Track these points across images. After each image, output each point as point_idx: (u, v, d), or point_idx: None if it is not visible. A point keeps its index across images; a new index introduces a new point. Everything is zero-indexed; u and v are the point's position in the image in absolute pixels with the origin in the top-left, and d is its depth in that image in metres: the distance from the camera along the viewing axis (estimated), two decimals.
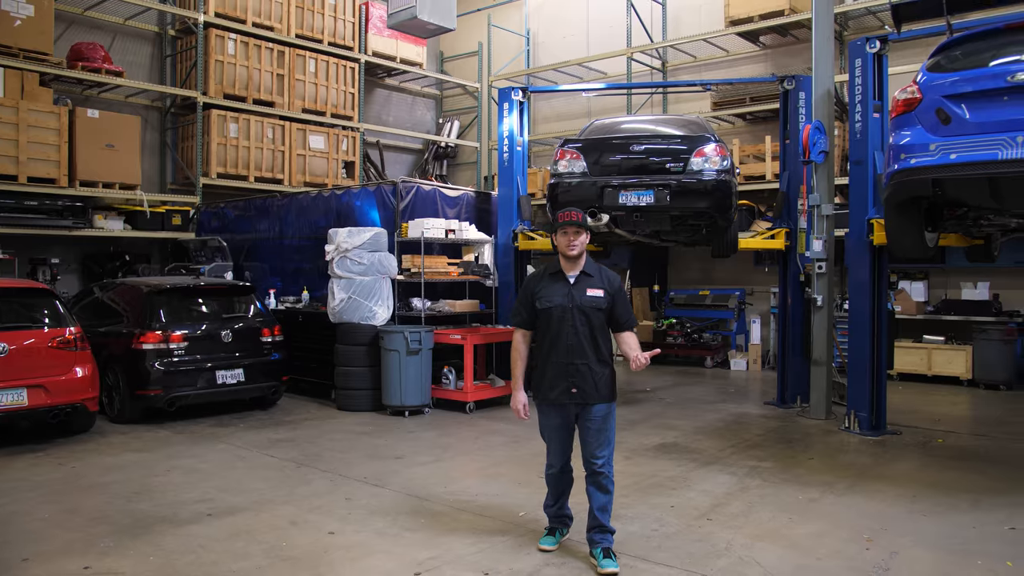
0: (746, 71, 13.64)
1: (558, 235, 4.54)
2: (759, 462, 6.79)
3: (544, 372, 4.57)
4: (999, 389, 10.42)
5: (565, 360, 4.48)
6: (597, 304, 4.50)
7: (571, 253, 4.50)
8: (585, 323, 4.48)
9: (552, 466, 4.69)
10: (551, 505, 4.81)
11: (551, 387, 4.53)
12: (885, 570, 4.39)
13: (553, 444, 4.65)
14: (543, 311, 4.54)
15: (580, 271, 4.55)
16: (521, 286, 4.63)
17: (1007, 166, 4.95)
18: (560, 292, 4.52)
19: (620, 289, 4.63)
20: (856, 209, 7.97)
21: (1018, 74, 4.98)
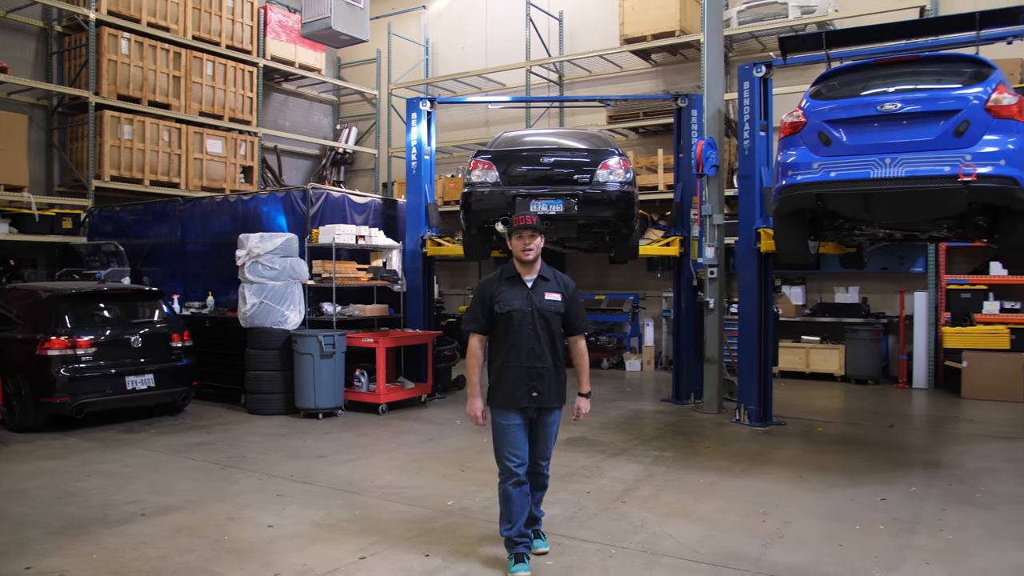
0: (638, 86, 14.50)
1: (513, 239, 4.54)
2: (662, 452, 7.43)
3: (503, 376, 4.54)
4: (868, 383, 11.57)
5: (526, 364, 4.48)
6: (555, 308, 4.55)
7: (527, 257, 4.51)
8: (544, 327, 4.51)
9: (512, 475, 4.49)
10: (509, 527, 4.52)
11: (512, 391, 4.50)
12: (780, 536, 5.05)
13: (514, 448, 4.51)
14: (502, 315, 4.51)
15: (537, 275, 4.58)
16: (475, 292, 4.66)
17: (878, 183, 5.76)
18: (519, 296, 4.52)
19: (575, 292, 4.69)
20: (745, 219, 8.77)
21: (886, 104, 5.80)
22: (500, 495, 4.56)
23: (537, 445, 4.64)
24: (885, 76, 6.18)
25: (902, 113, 5.75)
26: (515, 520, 4.49)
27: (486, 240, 8.79)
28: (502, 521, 4.56)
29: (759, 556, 4.71)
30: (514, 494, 4.48)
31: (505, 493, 4.51)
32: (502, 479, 4.55)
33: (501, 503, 4.55)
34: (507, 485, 4.50)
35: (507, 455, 4.51)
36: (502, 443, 4.54)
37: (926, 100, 5.76)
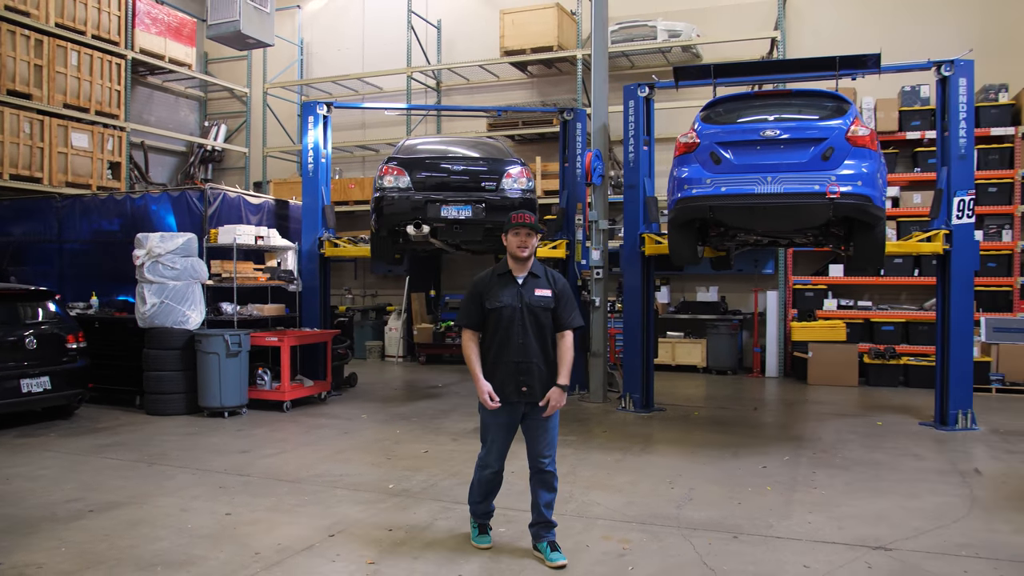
0: (514, 95, 15.36)
1: (509, 236, 4.70)
2: (564, 436, 8.22)
3: (494, 371, 4.68)
4: (727, 374, 12.99)
5: (516, 359, 4.63)
6: (545, 304, 4.68)
7: (523, 255, 4.66)
8: (534, 323, 4.65)
9: (490, 466, 4.78)
10: (479, 502, 4.91)
11: (502, 386, 4.65)
12: (689, 499, 5.96)
13: (496, 444, 4.75)
14: (493, 311, 4.65)
15: (528, 272, 4.73)
16: (468, 289, 4.84)
17: (761, 198, 6.84)
18: (510, 292, 4.67)
19: (565, 288, 4.81)
20: (630, 225, 9.77)
21: (767, 131, 6.90)
22: (475, 477, 4.89)
23: (536, 442, 4.75)
24: (764, 106, 7.31)
25: (780, 139, 6.86)
26: (485, 498, 4.89)
27: (394, 242, 9.31)
28: (473, 494, 4.92)
29: (677, 515, 5.59)
30: (487, 480, 4.82)
31: (479, 479, 4.85)
32: (479, 466, 4.85)
33: (475, 484, 4.88)
34: (482, 473, 4.82)
35: (491, 449, 4.78)
36: (487, 437, 4.81)
37: (799, 129, 6.91)
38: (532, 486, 4.82)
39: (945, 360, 8.51)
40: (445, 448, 7.72)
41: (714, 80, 8.38)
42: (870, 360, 11.76)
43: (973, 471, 6.75)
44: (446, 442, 8.02)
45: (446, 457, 7.32)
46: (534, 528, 4.81)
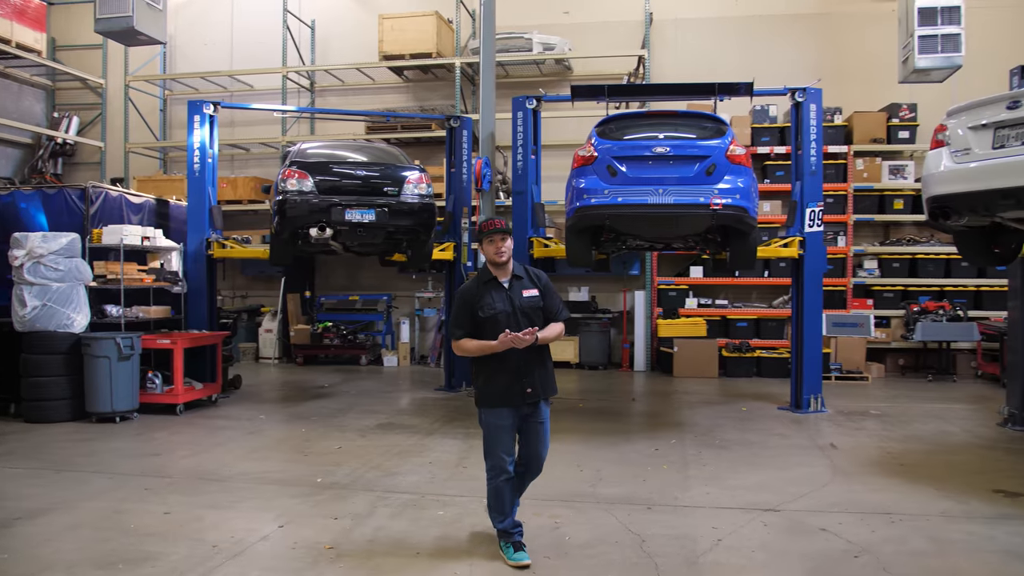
0: (390, 99, 15.73)
1: (484, 244, 4.80)
2: (467, 429, 8.79)
3: (494, 377, 4.79)
4: (598, 369, 13.97)
5: (517, 363, 4.72)
6: (535, 304, 4.83)
7: (500, 259, 4.78)
8: (528, 324, 4.75)
9: (504, 471, 4.82)
10: (506, 515, 4.88)
11: (506, 389, 4.76)
12: (600, 479, 6.69)
13: (503, 448, 4.83)
14: (488, 319, 4.73)
15: (511, 275, 4.85)
16: (455, 300, 4.93)
17: (653, 208, 7.69)
18: (500, 298, 4.77)
19: (548, 283, 4.95)
20: (518, 229, 10.41)
21: (658, 148, 7.76)
22: (491, 491, 4.89)
23: (537, 440, 4.93)
24: (653, 124, 8.19)
25: (669, 155, 7.74)
26: (508, 512, 4.88)
27: (294, 245, 9.53)
28: (494, 514, 4.92)
29: (593, 492, 6.30)
30: (505, 489, 4.84)
31: (497, 490, 4.85)
32: (492, 475, 4.87)
33: (492, 498, 4.89)
34: (498, 482, 4.85)
35: (501, 455, 4.83)
36: (495, 443, 4.85)
37: (686, 147, 7.82)
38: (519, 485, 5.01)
39: (800, 351, 9.76)
40: (357, 444, 8.08)
41: (608, 97, 9.22)
42: (728, 353, 13.06)
43: (830, 445, 7.90)
44: (355, 438, 8.38)
45: (361, 452, 7.70)
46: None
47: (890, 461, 7.27)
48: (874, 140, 13.43)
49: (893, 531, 5.31)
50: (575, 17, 14.87)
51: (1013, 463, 7.31)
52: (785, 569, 4.68)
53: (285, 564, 4.82)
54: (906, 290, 13.35)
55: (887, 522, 5.49)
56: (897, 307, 13.26)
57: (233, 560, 4.86)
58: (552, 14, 14.87)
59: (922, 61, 10.62)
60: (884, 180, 13.40)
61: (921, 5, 10.53)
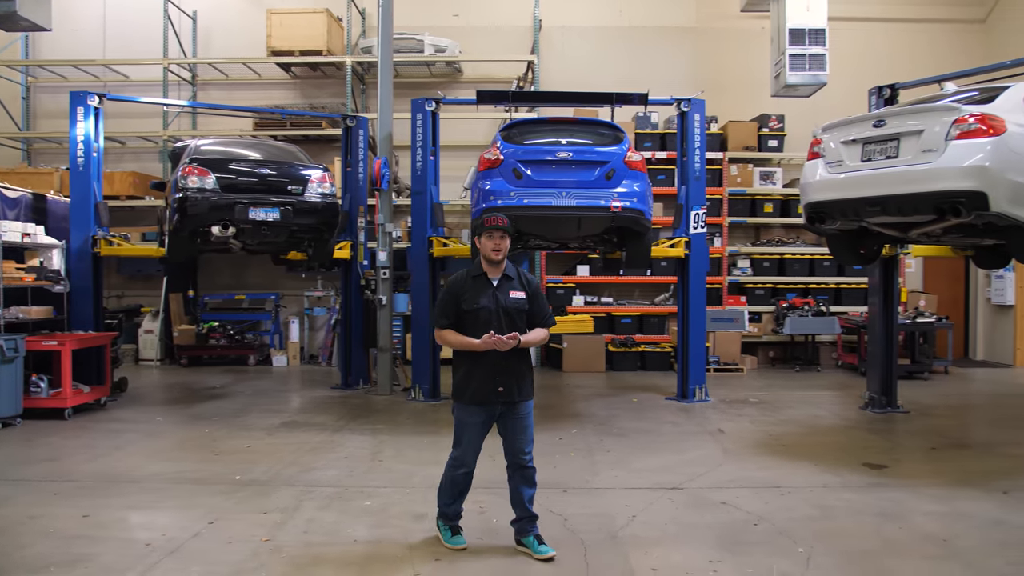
0: (277, 95, 15.59)
1: (483, 239, 4.88)
2: (374, 425, 9.04)
3: (471, 372, 4.87)
4: None
5: (493, 360, 4.79)
6: (520, 305, 4.89)
7: (496, 257, 4.86)
8: (510, 324, 4.82)
9: (465, 465, 4.96)
10: (451, 503, 5.07)
11: (480, 386, 4.85)
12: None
13: (471, 444, 4.96)
14: (470, 312, 4.83)
15: (502, 274, 4.93)
16: (443, 290, 4.99)
17: (557, 209, 8.18)
18: (485, 295, 4.85)
19: (538, 289, 5.05)
20: (418, 229, 10.70)
21: (561, 153, 8.26)
22: (447, 478, 5.04)
23: (515, 438, 4.97)
24: (556, 130, 8.70)
25: (572, 160, 8.26)
26: (456, 499, 5.06)
27: (193, 242, 9.46)
28: (444, 496, 5.07)
29: None
30: (459, 480, 5.01)
31: (452, 479, 5.02)
32: (453, 465, 5.01)
33: (447, 484, 5.05)
34: (455, 473, 5.00)
35: (466, 449, 4.97)
36: (463, 437, 5.00)
37: (587, 152, 8.35)
38: (512, 483, 5.03)
39: (685, 345, 10.52)
40: (266, 442, 8.16)
41: (511, 103, 9.66)
42: (614, 349, 13.79)
43: (718, 431, 8.64)
44: (263, 437, 8.44)
45: (273, 450, 7.80)
46: (518, 523, 5.04)
47: (772, 442, 8.06)
48: (747, 148, 14.52)
49: (783, 502, 6.00)
50: (465, 20, 15.25)
51: (876, 440, 8.28)
52: (696, 538, 5.23)
53: (225, 558, 4.95)
54: (775, 287, 14.50)
55: (777, 494, 6.18)
56: (768, 303, 14.40)
57: (171, 556, 4.96)
58: (442, 16, 15.19)
59: (792, 78, 11.67)
60: (756, 185, 14.52)
61: (792, 26, 11.57)
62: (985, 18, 15.60)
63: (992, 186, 6.26)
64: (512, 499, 5.07)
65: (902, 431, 8.77)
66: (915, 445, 8.07)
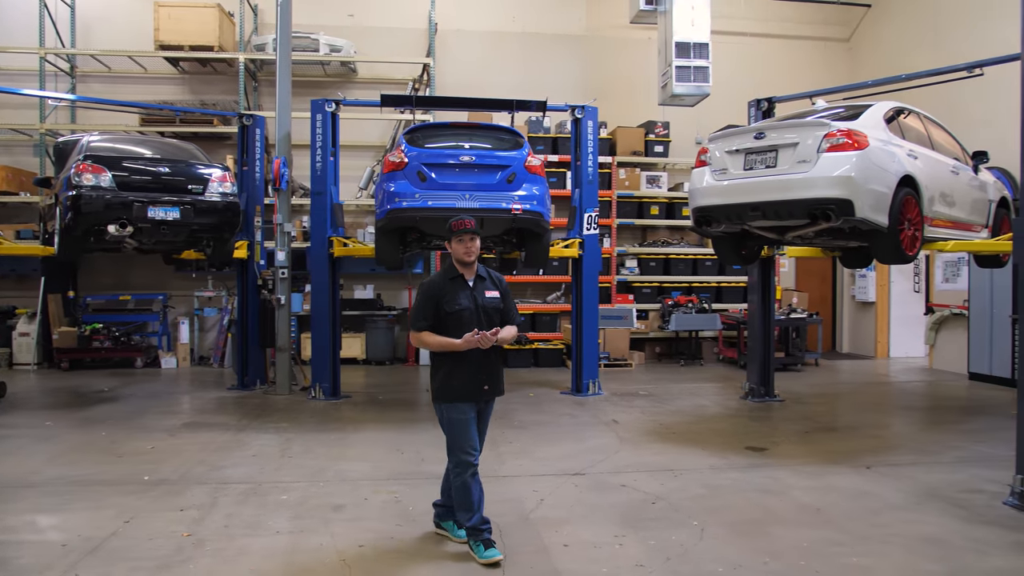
0: (164, 90, 15.26)
1: (454, 243, 4.99)
2: (278, 424, 9.14)
3: (455, 372, 4.96)
4: (385, 364, 14.62)
5: (477, 359, 4.95)
6: (496, 304, 5.08)
7: (468, 259, 4.99)
8: (489, 323, 4.99)
9: (470, 466, 4.96)
10: (475, 511, 4.94)
11: (466, 385, 4.97)
12: (422, 459, 7.41)
13: (468, 441, 4.99)
14: (452, 314, 4.94)
15: (476, 275, 5.09)
16: (420, 293, 5.07)
17: (462, 212, 8.51)
18: (464, 295, 4.99)
19: (507, 287, 5.24)
20: (317, 229, 10.81)
21: (464, 157, 8.62)
22: (458, 487, 4.98)
23: (480, 434, 5.19)
24: (458, 134, 9.05)
25: (475, 164, 8.64)
26: (476, 508, 4.94)
27: (87, 241, 9.29)
28: (462, 511, 5.00)
29: (420, 471, 7.02)
30: (473, 484, 4.95)
31: (465, 485, 4.95)
32: (459, 471, 4.98)
33: (460, 494, 4.99)
34: (466, 477, 4.96)
35: (466, 449, 4.98)
36: (460, 437, 5.00)
37: (490, 157, 8.75)
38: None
39: (579, 341, 11.07)
40: (170, 443, 8.16)
41: (414, 107, 9.93)
42: (508, 346, 14.22)
43: (613, 421, 9.21)
44: (165, 438, 8.43)
45: (178, 450, 7.82)
46: (441, 508, 5.29)
47: (663, 431, 8.69)
48: (634, 152, 15.29)
49: (677, 483, 6.57)
50: (360, 20, 15.38)
51: (756, 427, 9.05)
52: (601, 517, 5.70)
53: (149, 554, 5.04)
54: (661, 286, 15.32)
55: (671, 476, 6.75)
56: (654, 301, 15.20)
57: (92, 555, 5.01)
58: (337, 16, 15.27)
59: (679, 88, 12.45)
60: (643, 188, 15.31)
61: (678, 40, 12.35)
62: (849, 38, 16.98)
63: (857, 194, 7.04)
64: (444, 486, 5.29)
65: (779, 417, 9.60)
66: (791, 429, 8.87)
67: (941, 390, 12.00)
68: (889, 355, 15.72)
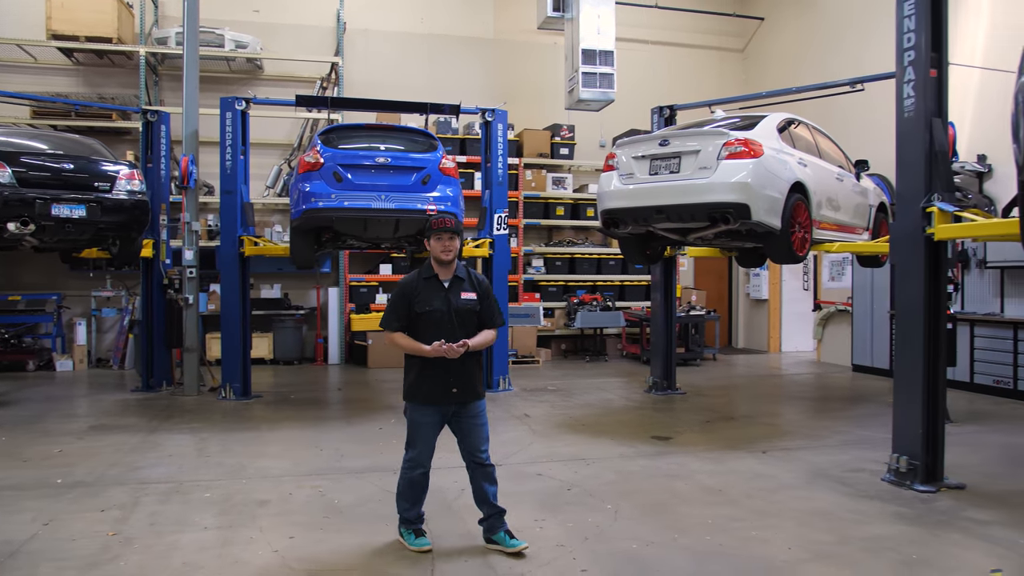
0: (57, 81, 14.78)
1: (432, 241, 4.95)
2: (191, 423, 9.13)
3: (424, 373, 4.95)
4: (293, 364, 14.61)
5: (446, 361, 4.89)
6: (471, 306, 5.01)
7: (446, 258, 4.94)
8: (462, 325, 4.94)
9: (421, 466, 5.02)
10: (411, 507, 5.12)
11: (432, 387, 4.95)
12: (342, 456, 7.60)
13: (426, 443, 5.03)
14: (423, 314, 4.91)
15: (453, 275, 5.03)
16: (394, 292, 5.06)
17: (376, 212, 8.73)
18: (438, 296, 4.94)
19: (488, 289, 5.16)
20: (227, 228, 10.79)
21: (380, 158, 8.84)
22: (404, 481, 5.08)
23: (469, 438, 5.08)
24: (373, 136, 9.25)
25: (391, 165, 8.86)
26: (416, 502, 5.12)
27: None
28: (403, 502, 5.11)
29: (341, 466, 7.22)
30: (417, 481, 5.07)
31: (409, 480, 5.06)
32: (409, 467, 5.06)
33: (405, 488, 5.08)
34: (412, 474, 5.05)
35: (421, 449, 5.04)
36: (417, 438, 5.05)
37: (405, 158, 8.99)
38: (474, 482, 5.11)
39: None
40: (78, 446, 8.05)
41: (329, 108, 10.06)
42: None
43: (524, 415, 9.60)
44: (73, 441, 8.31)
45: (89, 453, 7.72)
46: (487, 521, 5.11)
47: (573, 423, 9.13)
48: (541, 155, 15.76)
49: (589, 470, 6.99)
50: (265, 16, 15.29)
51: (660, 417, 9.62)
52: (521, 503, 6.03)
53: (74, 554, 5.06)
54: (567, 285, 15.85)
55: (584, 465, 7.17)
56: (560, 300, 15.73)
57: (12, 558, 4.99)
58: (243, 11, 15.14)
59: (585, 94, 12.96)
60: (549, 190, 15.80)
61: (584, 47, 12.85)
62: (744, 48, 17.94)
63: (753, 199, 7.63)
64: (476, 497, 5.14)
65: (681, 409, 10.20)
66: (693, 419, 9.46)
67: (828, 381, 12.93)
68: (781, 349, 16.73)
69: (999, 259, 10.94)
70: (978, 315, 11.22)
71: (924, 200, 6.35)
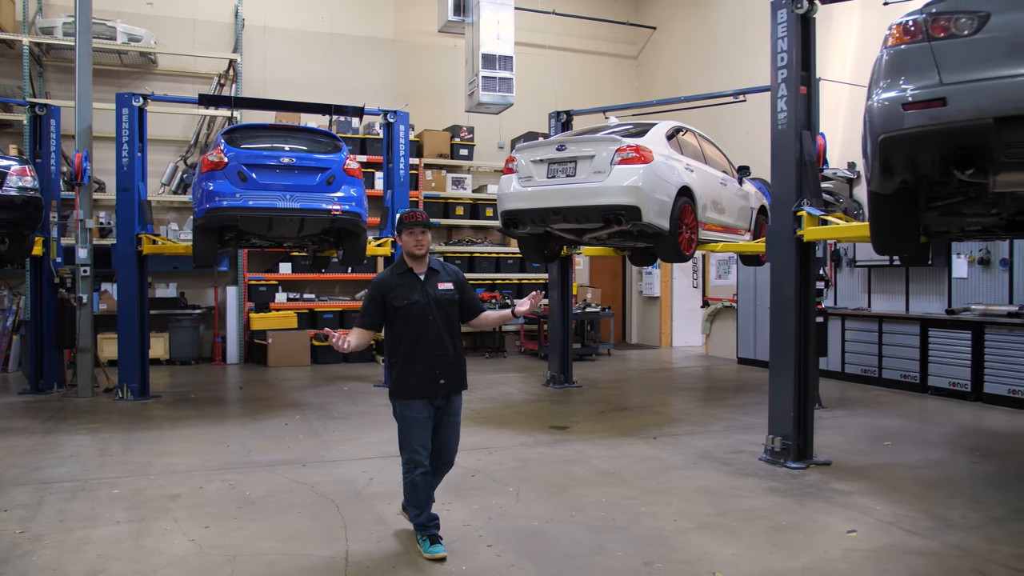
0: None
1: (404, 236, 4.96)
2: (88, 424, 9.07)
3: (410, 368, 4.91)
4: (190, 363, 14.49)
5: (431, 353, 4.90)
6: (450, 296, 5.02)
7: (419, 252, 4.95)
8: (443, 316, 4.96)
9: (421, 464, 4.91)
10: (422, 510, 4.97)
11: (421, 380, 4.91)
12: (250, 451, 7.78)
13: (419, 441, 4.93)
14: (401, 309, 4.89)
15: (427, 268, 5.03)
16: (368, 291, 5.06)
17: (281, 211, 8.91)
18: (414, 289, 4.93)
19: (464, 279, 5.23)
20: (123, 226, 10.71)
21: (284, 158, 9.02)
22: (407, 486, 4.99)
23: (449, 433, 5.14)
24: (277, 136, 9.42)
25: (296, 165, 9.06)
26: (424, 505, 4.98)
27: None
28: (411, 508, 5.02)
29: (250, 460, 7.40)
30: (421, 482, 4.94)
31: (413, 483, 4.95)
32: (408, 468, 4.96)
33: (409, 492, 4.99)
34: (415, 476, 4.93)
35: (416, 448, 4.93)
36: (409, 436, 4.95)
37: (309, 159, 9.19)
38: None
39: None
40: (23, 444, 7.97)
41: (232, 108, 10.13)
42: (318, 343, 14.60)
43: None
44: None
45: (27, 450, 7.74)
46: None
47: (476, 416, 9.54)
48: (441, 155, 16.11)
49: (492, 458, 7.42)
50: (160, 10, 15.09)
51: (558, 409, 10.15)
52: None
53: None
54: None
55: (487, 454, 7.60)
56: None
57: None
58: (134, 3, 14.90)
59: (485, 97, 13.39)
60: (449, 190, 16.17)
61: (484, 52, 13.29)
62: (637, 56, 18.77)
63: (643, 202, 8.21)
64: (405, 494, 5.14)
65: (578, 400, 10.77)
66: (588, 410, 10.03)
67: (714, 373, 13.79)
68: (672, 344, 17.62)
69: (867, 259, 11.97)
70: (848, 310, 12.24)
71: (795, 204, 7.05)
